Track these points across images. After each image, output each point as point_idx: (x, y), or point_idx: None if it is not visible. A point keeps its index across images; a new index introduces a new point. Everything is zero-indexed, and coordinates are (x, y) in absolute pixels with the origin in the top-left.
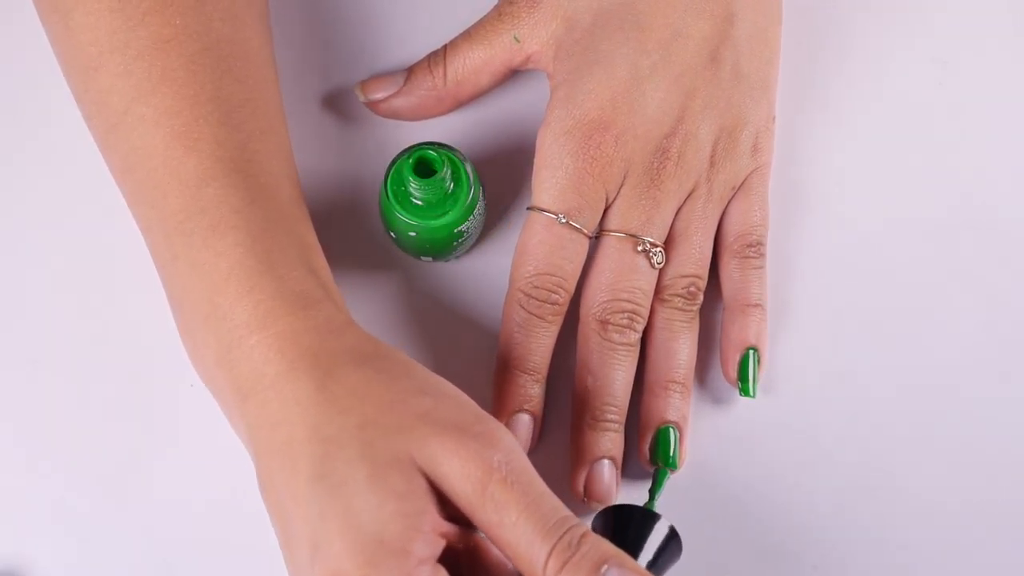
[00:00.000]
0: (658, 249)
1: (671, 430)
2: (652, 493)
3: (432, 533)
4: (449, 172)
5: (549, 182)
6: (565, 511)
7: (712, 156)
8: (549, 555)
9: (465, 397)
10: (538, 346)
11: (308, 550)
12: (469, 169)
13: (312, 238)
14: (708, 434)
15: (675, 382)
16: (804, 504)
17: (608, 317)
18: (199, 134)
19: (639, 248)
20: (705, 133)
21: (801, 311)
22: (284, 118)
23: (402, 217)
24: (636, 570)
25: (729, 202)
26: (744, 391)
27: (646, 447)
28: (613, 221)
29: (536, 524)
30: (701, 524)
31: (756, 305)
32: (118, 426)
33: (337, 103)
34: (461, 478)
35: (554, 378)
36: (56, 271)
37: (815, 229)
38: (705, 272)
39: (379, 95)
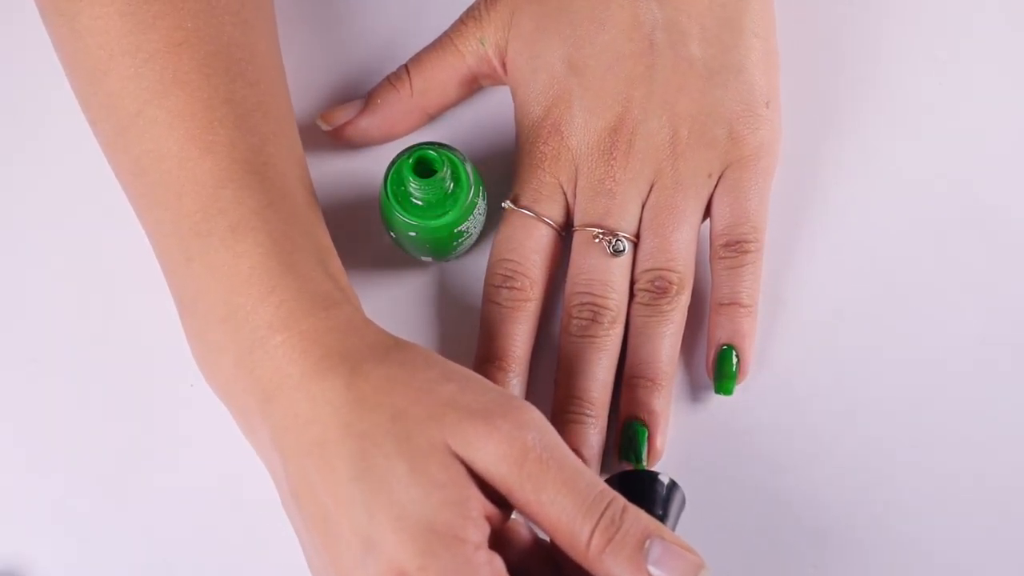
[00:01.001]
0: (617, 238)
1: (636, 425)
2: (639, 457)
3: (480, 517)
4: (449, 172)
5: (514, 182)
6: (602, 484)
7: (674, 144)
8: (592, 532)
9: (487, 381)
10: (501, 334)
11: (359, 549)
12: (469, 169)
13: (327, 241)
14: (706, 433)
15: (642, 377)
16: (804, 503)
17: (571, 310)
18: (214, 136)
19: (596, 239)
20: (656, 121)
21: (799, 310)
22: (295, 122)
23: (402, 217)
24: (676, 541)
25: (713, 196)
26: (719, 389)
27: (615, 444)
28: (576, 217)
29: (576, 500)
30: (701, 524)
31: (733, 304)
32: (118, 426)
33: (337, 103)
34: (497, 460)
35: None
36: (56, 271)
37: (813, 228)
38: (680, 265)
39: (342, 119)
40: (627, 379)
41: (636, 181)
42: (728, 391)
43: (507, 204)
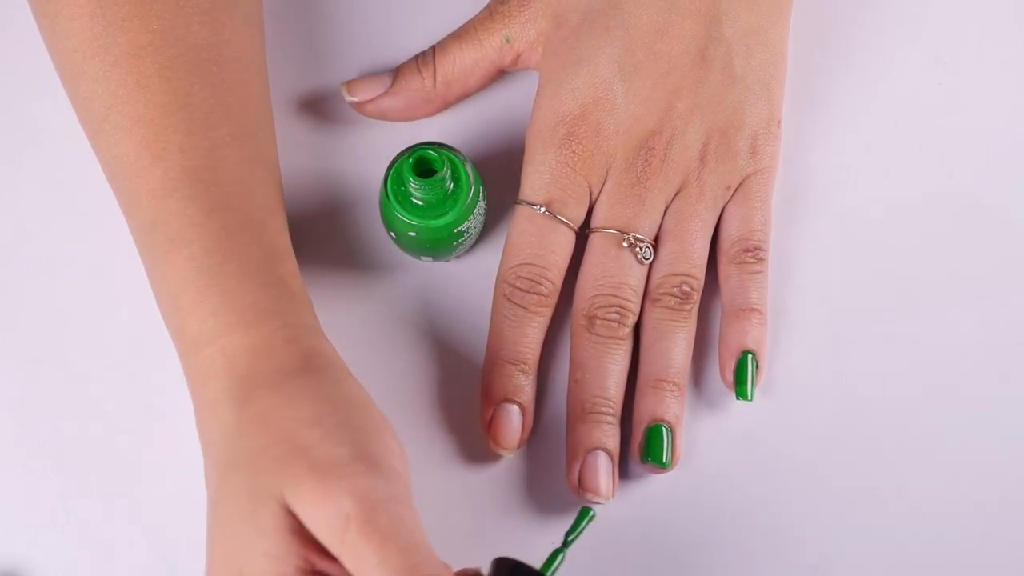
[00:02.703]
0: (645, 244)
1: (663, 428)
2: (567, 536)
3: (297, 573)
4: (449, 172)
5: (532, 176)
6: (429, 567)
7: (703, 155)
8: None
9: (366, 428)
10: (524, 337)
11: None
12: (469, 169)
13: (282, 242)
14: (708, 436)
15: (667, 381)
16: (804, 505)
17: (595, 312)
18: (167, 143)
19: (624, 244)
20: (694, 132)
21: (801, 313)
22: (267, 121)
23: (402, 217)
24: None
25: (727, 205)
26: (741, 394)
27: (637, 445)
28: (599, 218)
29: None
30: (701, 525)
31: (753, 309)
32: (118, 426)
33: (337, 102)
34: (321, 524)
35: (555, 379)
36: (57, 271)
37: (814, 230)
38: (699, 272)
39: (366, 95)
40: (651, 382)
41: (665, 190)
42: (749, 396)
43: (541, 208)
